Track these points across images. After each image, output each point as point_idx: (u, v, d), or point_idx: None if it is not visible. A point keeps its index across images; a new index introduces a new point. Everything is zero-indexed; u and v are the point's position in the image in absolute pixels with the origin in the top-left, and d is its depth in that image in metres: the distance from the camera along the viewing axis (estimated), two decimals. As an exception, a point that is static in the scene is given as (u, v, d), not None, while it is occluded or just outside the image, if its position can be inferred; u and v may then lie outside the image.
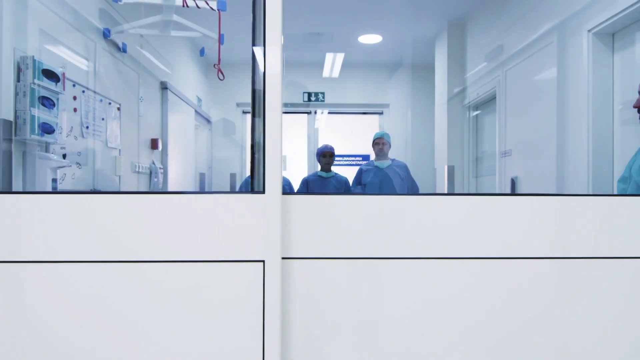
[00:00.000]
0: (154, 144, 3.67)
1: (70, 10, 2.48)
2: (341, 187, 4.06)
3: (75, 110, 2.51)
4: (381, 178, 3.89)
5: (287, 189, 3.88)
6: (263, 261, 1.20)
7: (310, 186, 4.05)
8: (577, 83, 2.58)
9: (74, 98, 2.50)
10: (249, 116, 5.93)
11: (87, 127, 2.63)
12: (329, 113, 5.92)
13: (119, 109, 3.02)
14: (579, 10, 2.60)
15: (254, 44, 1.28)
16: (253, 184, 1.27)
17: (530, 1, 3.18)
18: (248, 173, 3.68)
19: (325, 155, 4.03)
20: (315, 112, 5.94)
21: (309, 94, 5.81)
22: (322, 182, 4.04)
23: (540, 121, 2.95)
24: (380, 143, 3.98)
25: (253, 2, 1.26)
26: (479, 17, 4.04)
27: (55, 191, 2.18)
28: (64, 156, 2.41)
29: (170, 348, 1.21)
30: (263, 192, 1.20)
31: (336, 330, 1.27)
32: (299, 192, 3.65)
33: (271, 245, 1.20)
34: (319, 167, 4.12)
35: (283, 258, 1.23)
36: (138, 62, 3.33)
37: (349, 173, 4.21)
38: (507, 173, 3.43)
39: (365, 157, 5.94)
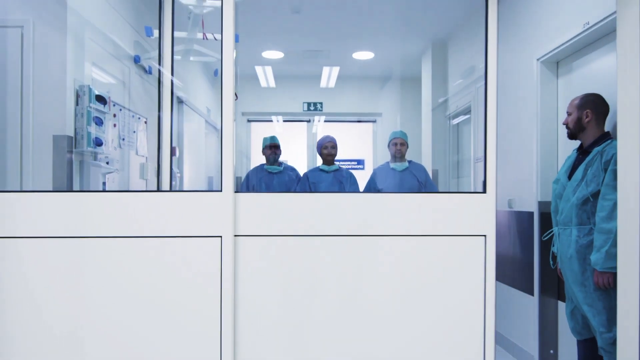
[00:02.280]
0: (172, 151, 4.19)
1: (112, 44, 3.01)
2: (346, 182, 3.74)
3: (115, 125, 3.03)
4: (397, 182, 3.55)
5: (294, 179, 4.03)
6: (221, 236, 1.73)
7: (310, 180, 3.76)
8: (528, 103, 3.10)
9: (114, 115, 3.02)
10: (252, 124, 6.48)
11: (123, 139, 3.16)
12: (325, 121, 6.46)
13: (145, 122, 3.55)
14: (530, 41, 3.13)
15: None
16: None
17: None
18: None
19: (327, 147, 3.77)
20: (312, 121, 6.47)
21: (309, 104, 6.34)
22: (323, 177, 3.75)
23: (503, 134, 3.48)
24: (398, 143, 3.58)
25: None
26: (457, 39, 4.57)
27: (104, 190, 2.70)
28: (107, 164, 2.93)
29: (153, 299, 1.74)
30: (220, 190, 1.73)
31: (263, 275, 1.78)
32: (296, 190, 4.14)
33: (226, 226, 1.73)
34: (321, 161, 3.86)
35: (235, 235, 1.75)
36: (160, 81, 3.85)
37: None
38: (480, 176, 3.95)
39: (360, 162, 6.47)
